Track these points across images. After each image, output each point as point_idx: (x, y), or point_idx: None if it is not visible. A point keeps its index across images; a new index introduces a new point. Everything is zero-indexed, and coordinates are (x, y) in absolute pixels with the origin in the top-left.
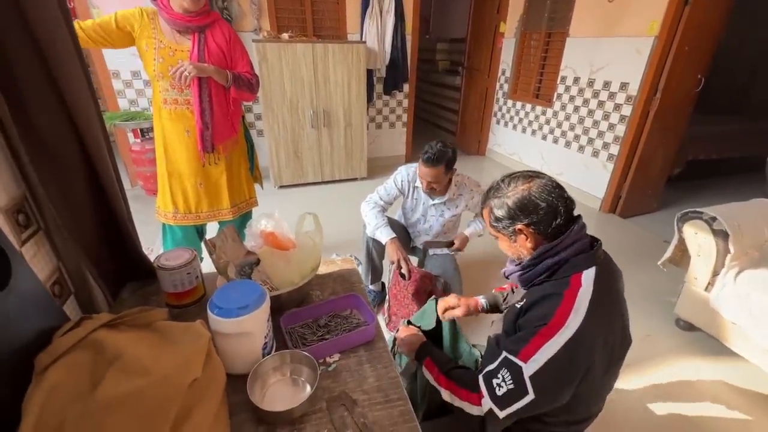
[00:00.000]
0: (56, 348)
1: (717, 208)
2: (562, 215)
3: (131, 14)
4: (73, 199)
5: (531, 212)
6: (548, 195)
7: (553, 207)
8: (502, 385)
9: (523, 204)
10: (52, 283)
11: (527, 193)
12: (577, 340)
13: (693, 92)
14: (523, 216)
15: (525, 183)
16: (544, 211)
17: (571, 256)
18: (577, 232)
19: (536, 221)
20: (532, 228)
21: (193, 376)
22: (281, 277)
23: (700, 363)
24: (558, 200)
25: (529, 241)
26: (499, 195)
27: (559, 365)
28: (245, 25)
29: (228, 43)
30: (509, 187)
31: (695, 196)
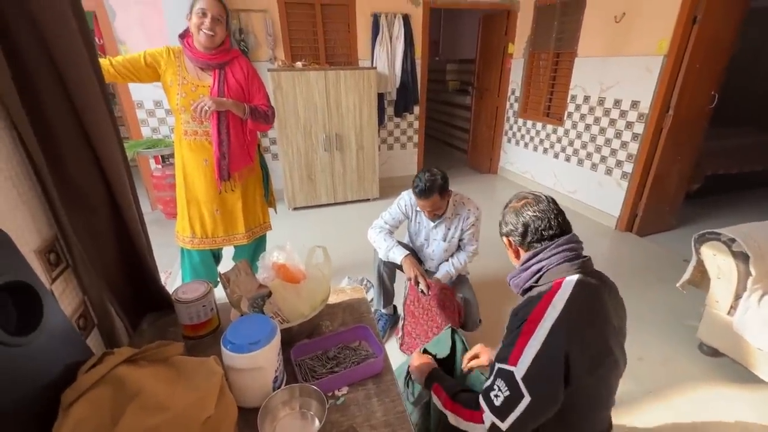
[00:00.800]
0: (81, 385)
1: (736, 229)
2: (536, 233)
3: (158, 53)
4: (98, 237)
5: (512, 227)
6: (533, 214)
7: (526, 225)
8: (499, 395)
9: (506, 219)
10: (77, 317)
11: (515, 211)
12: (554, 332)
13: (707, 108)
14: (505, 228)
15: (517, 201)
16: (521, 227)
17: (554, 264)
18: (561, 245)
19: (517, 234)
20: (510, 238)
21: (207, 414)
22: (292, 310)
23: (726, 390)
24: (536, 220)
25: (512, 251)
26: (503, 213)
27: (544, 361)
28: (261, 55)
29: (246, 78)
30: (509, 204)
31: (716, 212)
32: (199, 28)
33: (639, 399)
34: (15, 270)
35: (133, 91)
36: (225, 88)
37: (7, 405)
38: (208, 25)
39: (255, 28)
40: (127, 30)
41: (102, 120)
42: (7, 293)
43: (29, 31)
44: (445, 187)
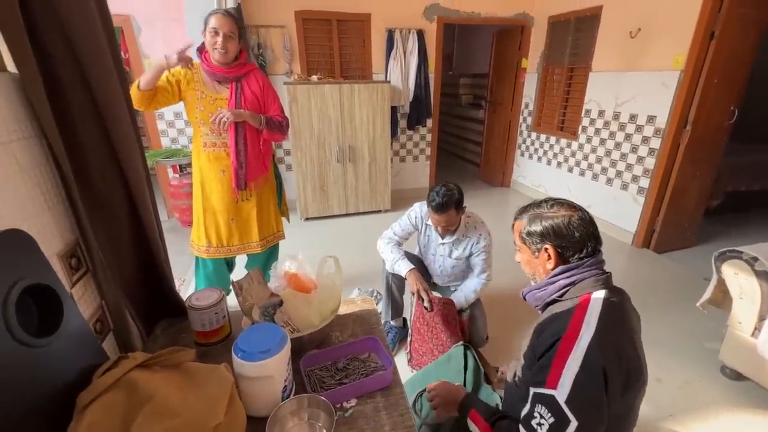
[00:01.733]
0: (95, 388)
1: (758, 247)
2: (588, 250)
3: (177, 71)
4: (118, 243)
5: (564, 238)
6: (585, 229)
7: (584, 241)
8: (543, 423)
9: (560, 228)
10: (94, 321)
11: (567, 221)
12: (592, 349)
13: (726, 124)
14: (555, 238)
15: (568, 210)
16: (576, 241)
17: (582, 279)
18: (594, 264)
19: (565, 246)
20: (559, 251)
21: (216, 421)
22: (302, 319)
23: (750, 416)
24: (590, 237)
25: (550, 262)
26: (538, 212)
27: (586, 381)
28: (278, 68)
29: (262, 90)
30: (551, 209)
31: (737, 230)
32: (213, 47)
33: (658, 423)
34: (38, 272)
35: None
36: (242, 100)
37: (26, 404)
38: (220, 44)
39: (273, 43)
40: (152, 45)
41: (127, 131)
42: (29, 295)
43: (64, 47)
44: (461, 203)
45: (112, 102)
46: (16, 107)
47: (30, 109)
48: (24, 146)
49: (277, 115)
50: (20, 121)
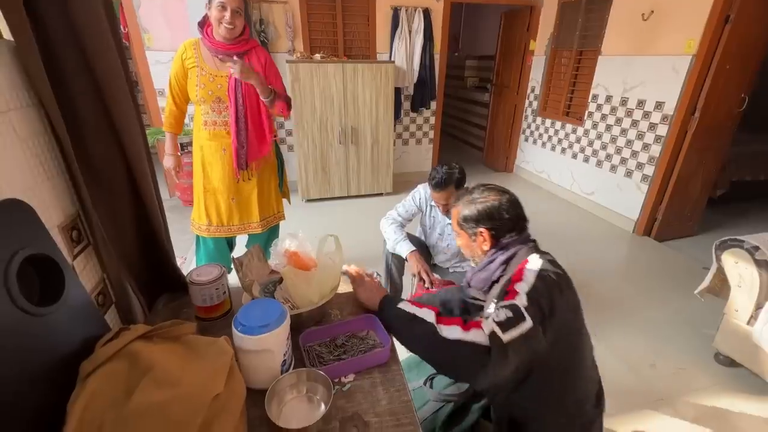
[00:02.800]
0: (98, 357)
1: (760, 237)
2: (516, 229)
3: (178, 57)
4: (118, 217)
5: (495, 220)
6: (514, 210)
7: (513, 221)
8: (501, 314)
9: (491, 212)
10: (96, 294)
11: (497, 204)
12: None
13: (735, 112)
14: (488, 221)
15: (498, 195)
16: (506, 221)
17: (517, 252)
18: (523, 240)
19: (498, 228)
20: (492, 233)
21: (216, 391)
22: (302, 297)
23: (742, 402)
24: (518, 217)
25: (486, 244)
26: (471, 198)
27: (538, 292)
28: (280, 46)
29: (264, 68)
30: (482, 195)
31: (740, 220)
32: (219, 22)
33: (649, 406)
34: (39, 243)
35: (155, 79)
36: None
37: (31, 371)
38: (228, 19)
39: (275, 19)
40: (151, 19)
41: (125, 104)
42: (31, 265)
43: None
44: (462, 182)
45: (110, 74)
46: (12, 75)
47: (27, 77)
48: (22, 115)
49: (280, 90)
50: (17, 90)
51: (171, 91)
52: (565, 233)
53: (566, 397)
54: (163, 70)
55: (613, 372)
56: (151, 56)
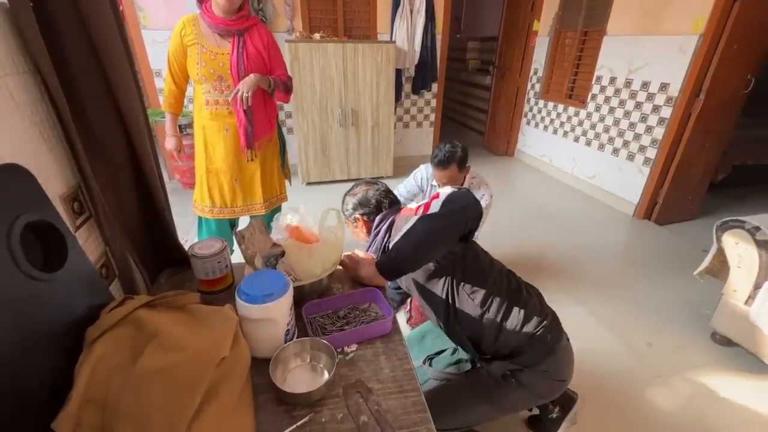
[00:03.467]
0: (103, 323)
1: (761, 218)
2: (385, 208)
3: (176, 33)
4: (119, 190)
5: (365, 206)
6: (379, 196)
7: (379, 202)
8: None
9: (360, 201)
10: (100, 266)
11: (363, 194)
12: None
13: (741, 93)
14: (360, 208)
15: (365, 186)
16: (375, 205)
17: (393, 215)
18: (392, 212)
19: (368, 213)
20: (365, 218)
21: (222, 354)
22: (304, 270)
23: (737, 380)
24: (384, 198)
25: (364, 226)
26: (350, 194)
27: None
28: (279, 25)
29: (266, 47)
30: (355, 189)
31: (741, 204)
32: None
33: (645, 383)
34: (40, 210)
35: (152, 59)
36: (244, 56)
37: (37, 335)
38: None
39: None
40: None
41: (124, 73)
42: (33, 233)
43: None
44: (464, 161)
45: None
46: (7, 38)
47: (22, 42)
48: (19, 82)
49: (282, 74)
50: (13, 55)
51: (170, 70)
52: (565, 217)
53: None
54: (160, 49)
55: (612, 350)
56: (147, 35)
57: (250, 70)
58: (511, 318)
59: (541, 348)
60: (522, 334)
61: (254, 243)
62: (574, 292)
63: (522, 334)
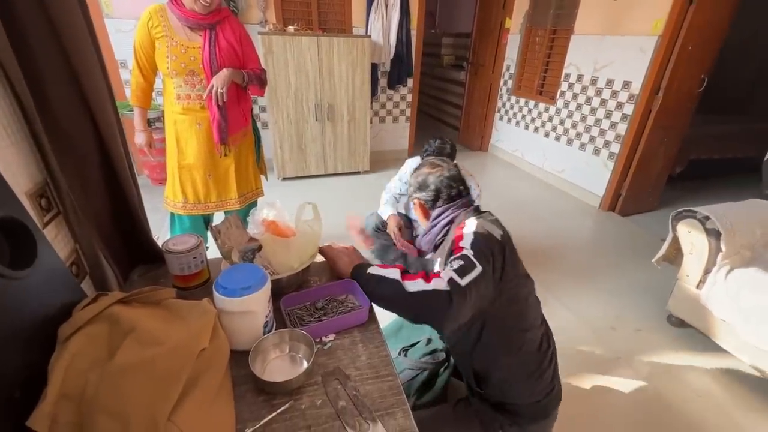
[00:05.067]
0: (76, 320)
1: (711, 208)
2: (444, 198)
3: (143, 24)
4: (89, 185)
5: (423, 191)
6: (440, 183)
7: (438, 191)
8: (455, 264)
9: (420, 184)
10: (70, 264)
11: (425, 177)
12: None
13: (695, 92)
14: (419, 192)
15: (430, 168)
16: (433, 191)
17: (457, 215)
18: (459, 206)
19: (426, 199)
20: (422, 202)
21: (201, 346)
22: (281, 263)
23: (689, 358)
24: (445, 187)
25: (422, 212)
26: (416, 171)
27: (479, 245)
28: (251, 17)
29: (239, 41)
30: (422, 168)
31: (696, 196)
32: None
33: (608, 364)
34: (6, 207)
35: (117, 49)
36: (216, 50)
37: (7, 333)
38: None
39: None
40: None
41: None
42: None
43: None
44: (453, 156)
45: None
46: None
47: None
48: None
49: (256, 67)
50: None
51: (137, 62)
52: (536, 209)
53: (514, 346)
54: (125, 39)
55: (578, 335)
56: (110, 24)
57: (223, 64)
58: (527, 382)
59: (537, 412)
60: (529, 397)
61: (230, 238)
62: (542, 280)
63: (529, 397)
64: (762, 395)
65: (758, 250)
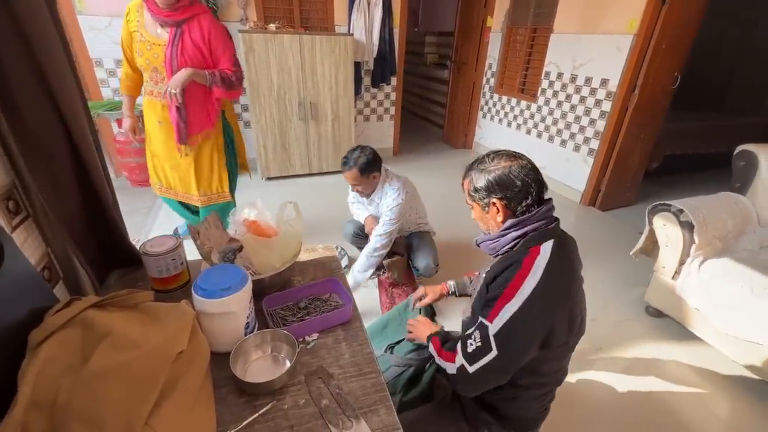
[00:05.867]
0: (48, 326)
1: (684, 201)
2: (533, 196)
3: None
4: (59, 186)
5: (506, 189)
6: (525, 176)
7: (526, 187)
8: (473, 343)
9: (501, 180)
10: (42, 268)
11: (507, 171)
12: (535, 298)
13: (669, 89)
14: (499, 191)
15: (507, 161)
16: (518, 189)
17: (533, 230)
18: (544, 213)
19: (509, 197)
20: (504, 202)
21: (179, 349)
22: (263, 263)
23: (666, 347)
24: (533, 182)
25: (500, 215)
26: (482, 168)
27: (517, 324)
28: (231, 14)
29: (205, 40)
30: (492, 163)
31: (671, 190)
32: None
33: (590, 356)
34: None
35: (91, 47)
36: (179, 50)
37: None
38: None
39: None
40: None
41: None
42: None
43: None
44: (367, 168)
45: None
46: None
47: None
48: None
49: (227, 68)
50: None
51: (124, 54)
52: None
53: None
54: (99, 37)
55: None
56: (84, 21)
57: (185, 64)
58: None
59: (529, 424)
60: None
61: (210, 238)
62: None
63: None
64: (734, 380)
65: (729, 241)
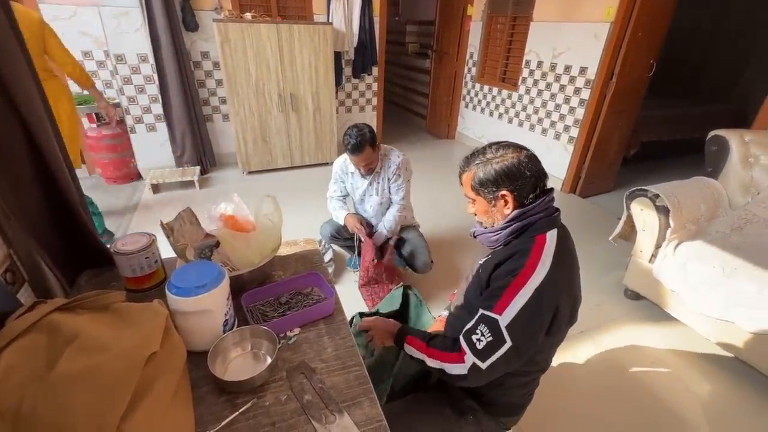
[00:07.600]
0: (9, 332)
1: (660, 186)
2: (540, 187)
3: None
4: (19, 185)
5: (516, 179)
6: (534, 166)
7: (534, 177)
8: (482, 339)
9: (511, 171)
10: (3, 271)
11: (516, 162)
12: (545, 287)
13: (645, 77)
14: (509, 182)
15: (514, 152)
16: (528, 180)
17: (536, 221)
18: (547, 203)
19: (519, 188)
20: (515, 194)
21: (151, 350)
22: (241, 259)
23: (644, 328)
24: (540, 173)
25: (507, 207)
26: (486, 159)
27: (530, 312)
28: (204, 3)
29: None
30: (497, 154)
31: (648, 176)
32: None
33: (572, 338)
34: None
35: None
36: None
37: None
38: None
39: None
40: None
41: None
42: None
43: None
44: (374, 140)
45: None
46: None
47: None
48: None
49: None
50: None
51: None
52: None
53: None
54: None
55: None
56: (47, 11)
57: None
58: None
59: (513, 410)
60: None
61: (184, 235)
62: None
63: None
64: (709, 357)
65: (702, 224)
